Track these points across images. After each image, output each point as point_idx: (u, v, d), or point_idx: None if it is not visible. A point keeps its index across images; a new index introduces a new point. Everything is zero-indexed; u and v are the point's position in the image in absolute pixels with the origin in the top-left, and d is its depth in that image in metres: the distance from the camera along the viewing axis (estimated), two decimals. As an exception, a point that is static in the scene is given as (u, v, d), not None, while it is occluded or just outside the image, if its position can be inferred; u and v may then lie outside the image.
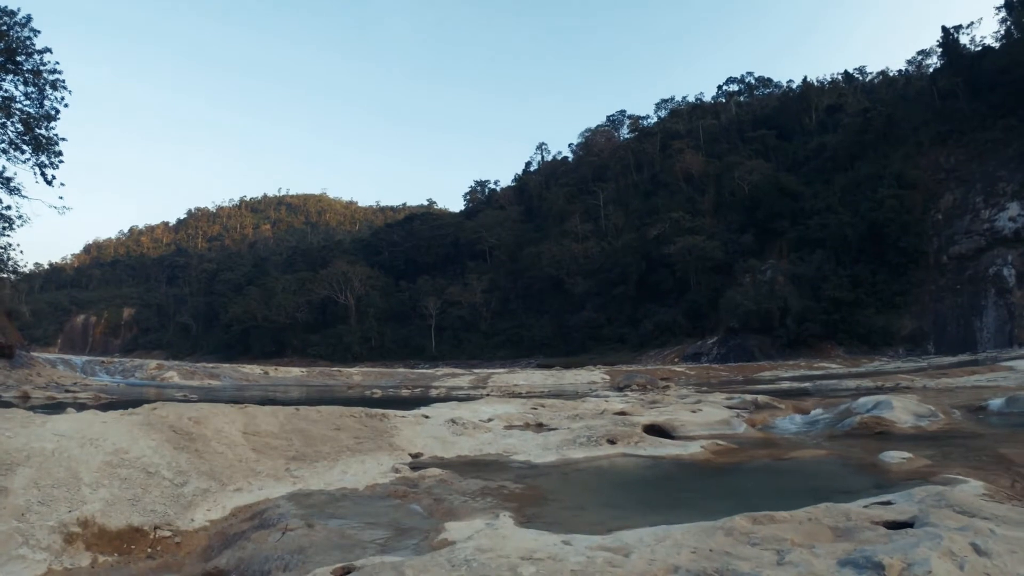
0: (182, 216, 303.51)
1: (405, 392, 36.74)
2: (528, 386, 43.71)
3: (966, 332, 68.72)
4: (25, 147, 39.63)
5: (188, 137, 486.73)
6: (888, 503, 5.63)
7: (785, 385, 30.80)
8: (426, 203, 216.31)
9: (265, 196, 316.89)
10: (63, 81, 40.16)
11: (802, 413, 14.32)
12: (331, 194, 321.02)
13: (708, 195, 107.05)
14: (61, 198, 61.01)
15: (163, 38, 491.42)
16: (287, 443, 9.40)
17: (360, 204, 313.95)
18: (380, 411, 12.35)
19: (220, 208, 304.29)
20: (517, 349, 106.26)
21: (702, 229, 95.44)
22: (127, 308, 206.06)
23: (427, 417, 13.00)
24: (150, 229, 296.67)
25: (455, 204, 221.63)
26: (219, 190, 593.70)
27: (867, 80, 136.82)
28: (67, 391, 28.41)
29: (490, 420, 13.56)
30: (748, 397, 15.38)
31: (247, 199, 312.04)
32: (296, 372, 59.93)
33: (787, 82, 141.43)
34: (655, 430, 12.00)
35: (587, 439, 10.70)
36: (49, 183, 41.07)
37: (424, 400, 28.06)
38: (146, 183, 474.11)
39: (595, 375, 51.93)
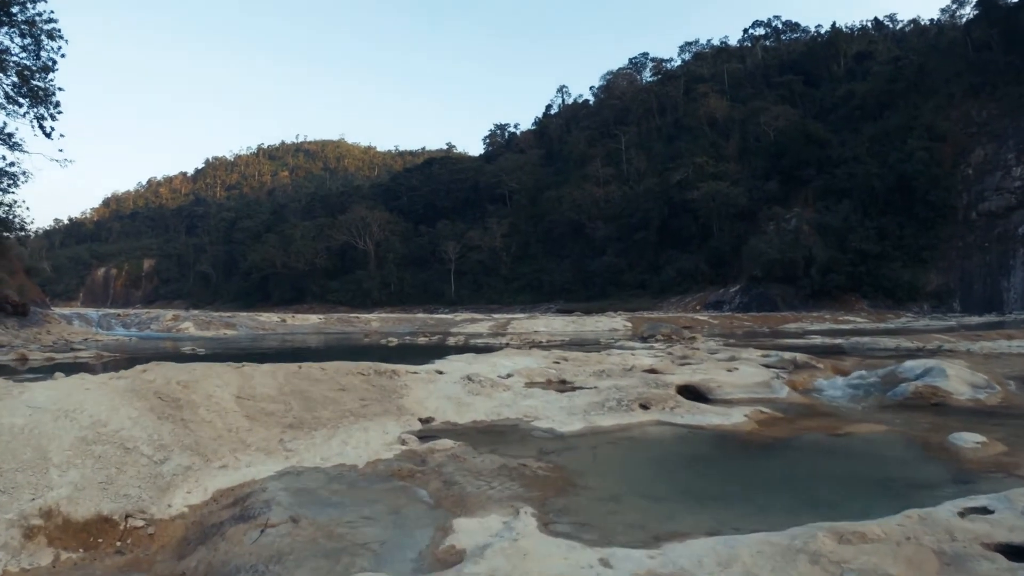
0: (200, 166, 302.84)
1: (422, 340, 35.84)
2: (548, 333, 43.02)
3: (992, 291, 67.88)
4: (22, 100, 38.80)
5: (204, 86, 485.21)
6: (986, 510, 4.62)
7: (816, 341, 29.46)
8: (445, 147, 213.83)
9: (283, 143, 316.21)
10: (59, 31, 39.12)
11: (843, 375, 13.24)
12: (349, 139, 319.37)
13: (732, 140, 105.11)
14: (61, 151, 60.47)
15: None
16: (284, 408, 8.60)
17: (379, 149, 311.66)
18: (390, 367, 11.47)
19: (238, 157, 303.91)
20: (537, 294, 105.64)
21: (726, 175, 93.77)
22: (147, 259, 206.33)
23: (441, 373, 12.09)
24: (168, 180, 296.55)
25: (475, 148, 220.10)
26: (236, 138, 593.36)
27: (898, 28, 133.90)
28: (72, 349, 27.65)
29: (509, 376, 12.63)
30: (787, 356, 14.20)
31: (264, 147, 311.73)
32: (314, 319, 59.47)
33: (815, 27, 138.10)
34: (690, 392, 11.03)
35: (617, 402, 9.77)
36: (48, 135, 40.37)
37: (441, 350, 27.21)
38: (164, 134, 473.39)
39: (616, 322, 51.03)
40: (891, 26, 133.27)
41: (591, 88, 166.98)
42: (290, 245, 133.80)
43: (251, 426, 7.90)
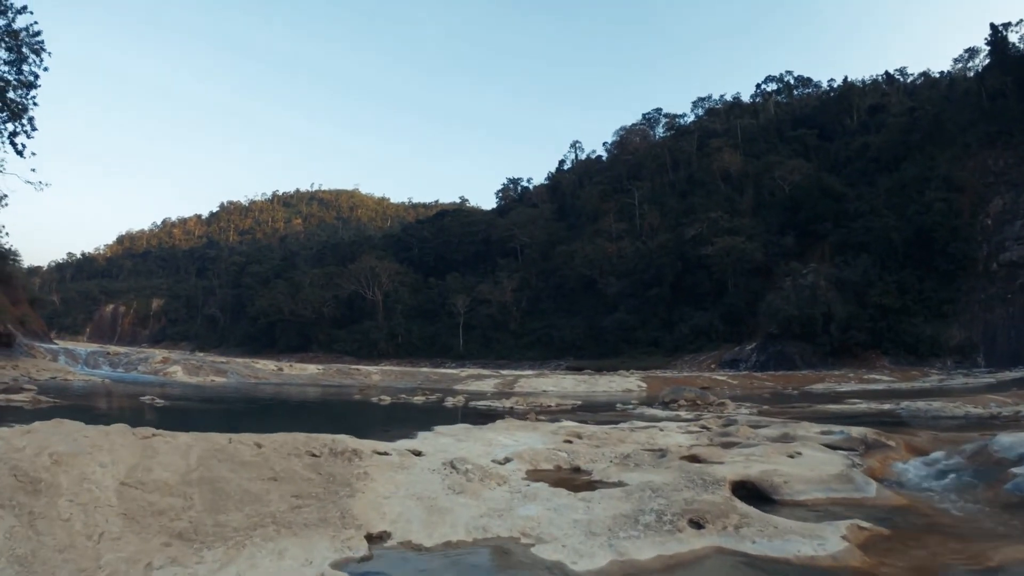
0: (215, 209, 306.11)
1: (419, 399, 33.09)
2: (557, 393, 40.56)
3: (1018, 344, 64.84)
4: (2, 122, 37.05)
5: (222, 132, 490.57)
6: None
7: (861, 406, 26.34)
8: (458, 200, 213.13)
9: (297, 191, 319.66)
10: (41, 42, 37.34)
11: (920, 454, 10.62)
12: (363, 190, 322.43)
13: (747, 195, 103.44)
14: (34, 170, 59.23)
15: (196, 33, 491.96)
16: (183, 504, 6.40)
17: (392, 200, 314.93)
18: (353, 445, 9.24)
19: (252, 202, 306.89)
20: (547, 350, 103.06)
21: (741, 230, 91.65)
22: (156, 299, 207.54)
23: (419, 455, 9.82)
24: (182, 221, 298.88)
25: (487, 202, 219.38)
26: (252, 184, 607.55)
27: (909, 81, 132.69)
28: (21, 389, 25.92)
29: (507, 461, 10.27)
30: (855, 432, 11.60)
31: (279, 193, 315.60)
32: (312, 369, 57.23)
33: (828, 81, 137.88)
34: (747, 489, 8.40)
35: (656, 516, 6.66)
36: (20, 153, 38.80)
37: (435, 413, 24.95)
38: (181, 176, 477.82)
39: (630, 382, 48.37)
40: (902, 79, 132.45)
41: (604, 144, 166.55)
42: (298, 292, 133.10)
43: (122, 532, 5.64)
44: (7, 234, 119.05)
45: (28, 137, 38.68)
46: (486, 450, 10.73)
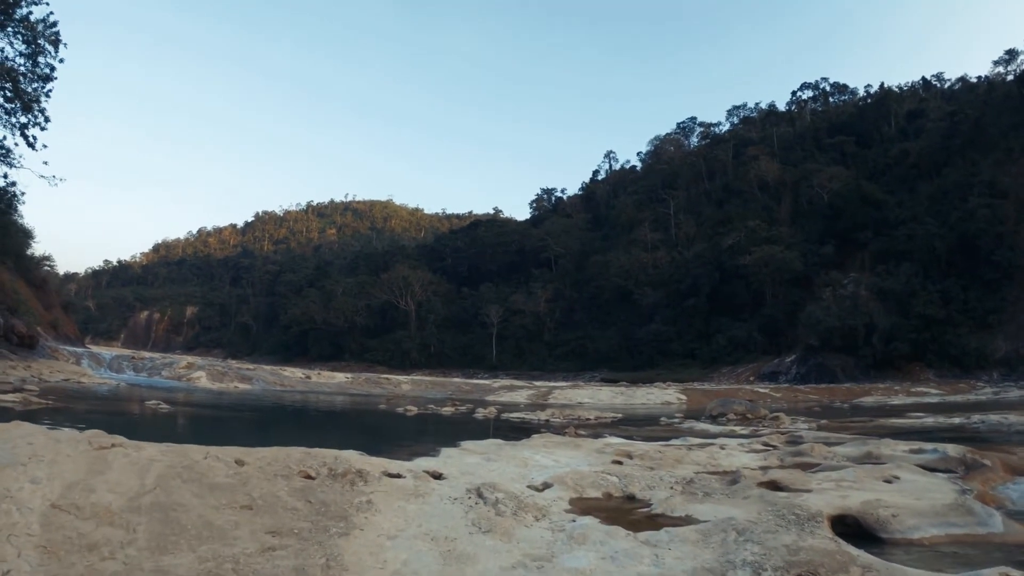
0: (249, 219, 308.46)
1: (447, 410, 31.62)
2: (593, 404, 39.22)
3: (1065, 357, 62.63)
4: (8, 106, 36.23)
5: (258, 143, 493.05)
6: None
7: (928, 421, 24.26)
8: (492, 211, 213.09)
9: (332, 201, 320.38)
10: (57, 33, 36.46)
11: (1020, 474, 9.10)
12: (397, 200, 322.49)
13: (785, 204, 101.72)
14: (46, 163, 57.89)
15: (229, 56, 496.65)
16: (123, 537, 5.20)
17: (426, 211, 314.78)
18: (358, 464, 7.95)
19: (287, 212, 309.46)
20: (581, 362, 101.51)
21: (779, 239, 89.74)
22: (190, 306, 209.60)
23: (439, 478, 8.40)
24: (218, 231, 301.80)
25: (521, 213, 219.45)
26: (287, 195, 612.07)
27: (946, 87, 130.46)
28: (20, 390, 25.37)
29: (546, 487, 8.73)
30: (952, 451, 9.84)
31: (314, 204, 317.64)
32: (339, 378, 56.30)
33: (864, 87, 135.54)
34: (846, 524, 6.79)
35: (752, 571, 5.14)
36: (32, 146, 37.99)
37: (463, 426, 23.55)
38: (216, 188, 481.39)
39: (669, 395, 46.83)
40: (939, 84, 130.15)
41: (638, 154, 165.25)
42: (331, 301, 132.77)
43: (34, 572, 4.48)
44: (39, 240, 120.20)
45: (41, 129, 37.74)
46: (521, 472, 9.32)
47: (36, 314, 65.81)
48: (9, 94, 35.66)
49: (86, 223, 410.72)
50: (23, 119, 36.63)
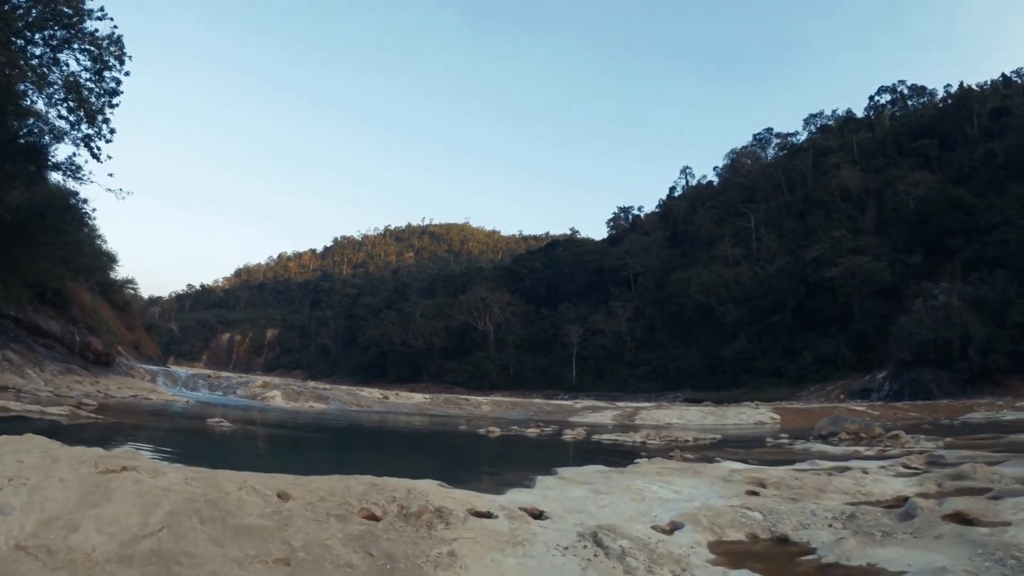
0: (328, 244, 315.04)
1: (533, 431, 31.13)
2: (683, 425, 38.88)
3: None
4: (71, 117, 36.90)
5: (336, 171, 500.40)
6: None
7: None
8: (568, 231, 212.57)
9: (409, 225, 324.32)
10: (123, 49, 37.12)
11: None
12: (474, 223, 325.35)
13: (869, 212, 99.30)
14: (111, 175, 57.99)
15: (309, 86, 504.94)
16: None
17: (502, 233, 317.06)
18: (437, 499, 6.90)
19: (365, 236, 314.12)
20: (662, 382, 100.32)
21: (866, 249, 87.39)
22: (271, 329, 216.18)
23: (540, 517, 7.30)
24: (297, 255, 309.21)
25: (598, 233, 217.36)
26: (365, 219, 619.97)
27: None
28: (79, 404, 25.71)
29: (674, 528, 7.79)
30: None
31: (391, 228, 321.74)
32: (418, 398, 56.60)
33: (944, 87, 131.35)
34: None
35: None
36: (96, 157, 38.09)
37: (553, 449, 23.29)
38: (297, 214, 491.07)
39: (762, 414, 45.97)
40: (1019, 81, 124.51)
41: (714, 168, 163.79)
42: (409, 323, 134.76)
43: None
44: (122, 264, 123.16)
45: (106, 141, 38.15)
46: (639, 508, 8.26)
47: (117, 334, 68.23)
48: (73, 104, 36.12)
49: (170, 249, 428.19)
50: (87, 130, 37.13)
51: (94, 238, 76.35)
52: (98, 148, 37.92)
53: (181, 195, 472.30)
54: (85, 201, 44.57)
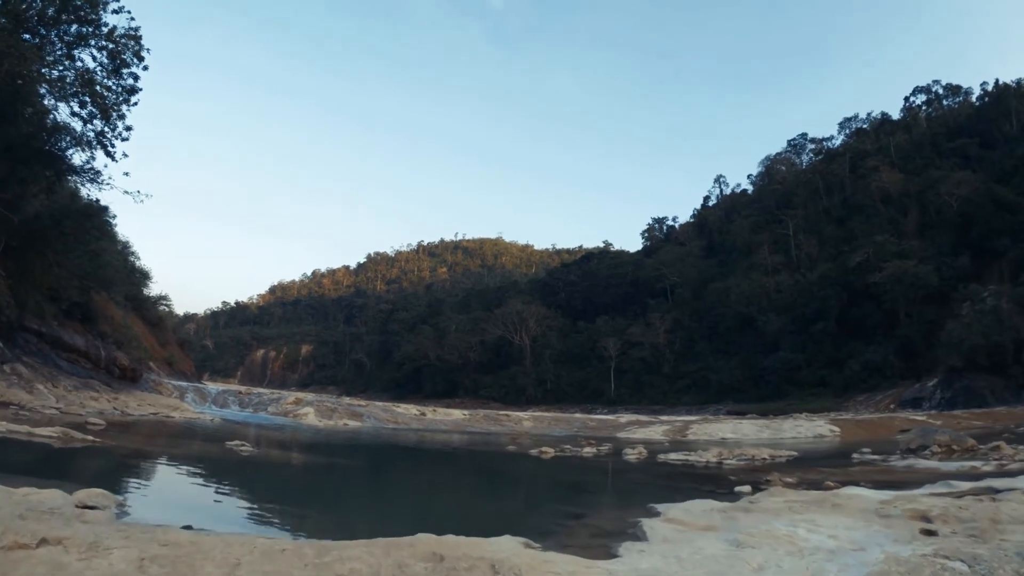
0: (362, 260, 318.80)
1: (588, 451, 29.56)
2: (739, 439, 37.60)
3: None
4: (84, 112, 35.93)
5: (368, 187, 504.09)
6: None
7: None
8: (603, 244, 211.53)
9: (442, 240, 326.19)
10: (141, 44, 36.25)
11: None
12: (507, 238, 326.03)
13: (911, 215, 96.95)
14: (127, 174, 56.57)
15: (337, 101, 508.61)
16: None
17: (536, 247, 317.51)
18: (533, 567, 5.40)
19: (398, 252, 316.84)
20: (703, 394, 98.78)
21: (910, 253, 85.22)
22: (305, 345, 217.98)
23: None
24: (331, 272, 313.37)
25: (632, 245, 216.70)
26: (398, 235, 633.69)
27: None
28: (84, 425, 24.41)
29: None
30: None
31: (424, 243, 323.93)
32: (456, 415, 55.39)
33: (980, 84, 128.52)
34: None
35: None
36: (111, 155, 37.27)
37: (621, 472, 20.96)
38: (330, 231, 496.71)
39: (820, 426, 44.34)
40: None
41: (748, 176, 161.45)
42: (444, 338, 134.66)
43: None
44: (156, 280, 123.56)
45: (123, 140, 37.14)
46: (806, 568, 6.39)
47: (149, 350, 68.10)
48: (85, 98, 35.24)
49: (205, 267, 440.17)
50: (102, 126, 36.07)
51: (126, 253, 76.75)
52: (113, 147, 37.12)
53: (216, 212, 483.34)
54: (105, 209, 43.83)
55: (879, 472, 19.14)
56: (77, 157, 37.27)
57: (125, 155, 37.83)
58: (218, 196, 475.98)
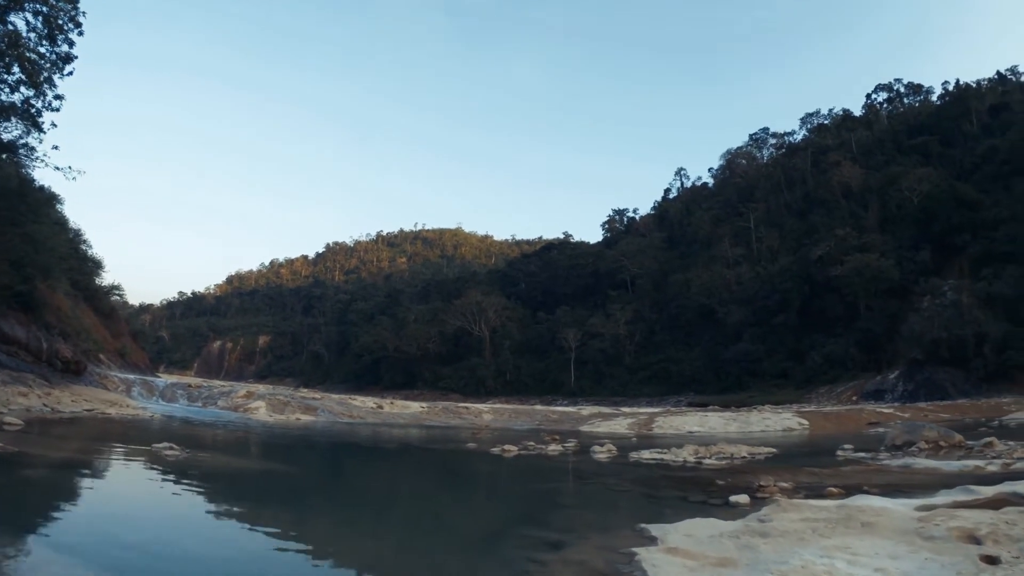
0: (320, 250, 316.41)
1: (553, 447, 27.09)
2: (705, 433, 36.29)
3: None
4: (10, 78, 33.62)
5: (327, 178, 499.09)
6: None
7: None
8: (562, 235, 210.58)
9: (401, 231, 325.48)
10: (78, 9, 34.02)
11: None
12: (466, 228, 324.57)
13: (872, 210, 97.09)
14: (56, 148, 50.19)
15: (294, 93, 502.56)
16: None
17: (496, 238, 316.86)
18: None
19: (357, 242, 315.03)
20: (664, 385, 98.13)
21: (871, 247, 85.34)
22: (263, 336, 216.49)
23: None
24: (289, 262, 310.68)
25: (592, 237, 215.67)
26: (357, 225, 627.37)
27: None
28: None
29: None
30: None
31: (383, 233, 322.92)
32: (414, 408, 53.73)
33: (942, 84, 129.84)
34: None
35: None
36: (38, 126, 35.15)
37: (596, 474, 18.17)
38: (288, 219, 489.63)
39: (788, 419, 43.32)
40: (1014, 79, 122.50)
41: (710, 170, 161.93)
42: (403, 328, 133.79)
43: None
44: (108, 270, 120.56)
45: (52, 111, 34.98)
46: None
47: (100, 342, 65.57)
48: (9, 61, 32.82)
49: (161, 257, 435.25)
50: (28, 93, 33.87)
51: (77, 241, 73.66)
52: (40, 117, 35.01)
53: (173, 203, 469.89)
54: (41, 188, 41.31)
55: (875, 473, 17.49)
56: (7, 133, 35.17)
57: (54, 125, 35.79)
58: (174, 189, 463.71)
